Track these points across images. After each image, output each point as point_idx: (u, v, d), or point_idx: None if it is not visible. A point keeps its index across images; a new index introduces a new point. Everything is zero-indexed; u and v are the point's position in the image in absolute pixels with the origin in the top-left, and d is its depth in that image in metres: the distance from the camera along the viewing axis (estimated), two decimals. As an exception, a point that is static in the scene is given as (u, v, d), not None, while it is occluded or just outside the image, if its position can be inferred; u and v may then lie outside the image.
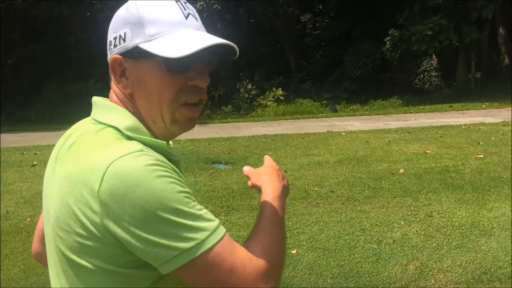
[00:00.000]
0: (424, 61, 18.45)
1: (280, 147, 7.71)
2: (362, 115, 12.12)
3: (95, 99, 0.92)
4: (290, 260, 3.70)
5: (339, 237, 4.05)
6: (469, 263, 3.49)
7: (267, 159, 1.11)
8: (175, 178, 0.77)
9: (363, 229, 4.21)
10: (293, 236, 4.12)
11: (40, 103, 15.63)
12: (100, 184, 0.74)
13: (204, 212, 0.79)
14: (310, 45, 21.03)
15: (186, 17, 0.87)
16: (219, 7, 17.11)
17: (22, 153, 7.78)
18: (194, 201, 0.78)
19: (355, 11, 19.39)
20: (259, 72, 19.18)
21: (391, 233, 4.09)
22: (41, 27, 16.66)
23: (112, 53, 0.87)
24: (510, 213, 4.39)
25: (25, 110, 15.29)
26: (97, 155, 0.78)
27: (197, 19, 0.89)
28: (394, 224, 4.30)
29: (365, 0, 18.73)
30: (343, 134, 8.71)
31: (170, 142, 1.05)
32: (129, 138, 0.83)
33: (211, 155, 7.28)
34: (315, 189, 5.38)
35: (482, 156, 6.43)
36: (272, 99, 17.41)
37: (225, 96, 17.88)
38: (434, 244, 3.82)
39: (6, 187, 5.84)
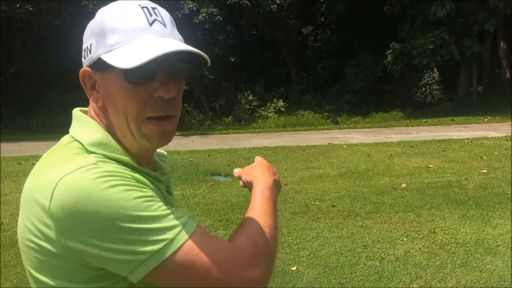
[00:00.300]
0: (426, 74, 18.44)
1: (281, 160, 7.63)
2: (363, 127, 12.05)
3: (74, 111, 0.90)
4: (290, 278, 3.60)
5: (340, 254, 3.95)
6: (474, 283, 3.39)
7: (258, 158, 1.09)
8: (132, 185, 0.74)
9: (365, 246, 4.11)
10: (293, 252, 4.02)
11: (40, 111, 15.60)
12: (50, 201, 0.72)
13: (171, 210, 0.76)
14: (312, 57, 21.06)
15: (151, 24, 0.81)
16: (221, 19, 17.17)
17: (20, 163, 7.70)
18: (158, 202, 0.75)
19: (356, 24, 19.46)
20: (260, 83, 19.18)
21: (394, 250, 3.99)
22: (43, 37, 16.69)
23: (84, 65, 0.85)
24: (515, 230, 4.29)
25: (25, 118, 15.25)
26: (50, 171, 0.76)
27: (165, 25, 0.83)
28: (397, 240, 4.20)
29: (366, 13, 18.80)
30: (344, 146, 8.63)
31: (163, 153, 1.03)
32: (91, 153, 0.80)
33: (210, 167, 7.20)
34: (316, 203, 5.28)
35: (485, 171, 6.34)
36: (273, 110, 17.39)
37: (226, 107, 17.86)
38: (438, 262, 3.72)
39: (2, 198, 5.75)
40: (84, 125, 0.86)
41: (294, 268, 3.71)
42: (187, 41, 0.85)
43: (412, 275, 3.54)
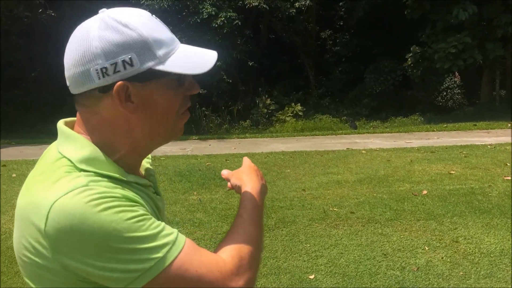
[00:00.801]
0: (447, 78, 18.13)
1: (299, 165, 7.56)
2: (382, 132, 11.88)
3: (59, 125, 0.91)
4: (308, 286, 3.53)
5: (360, 262, 3.86)
6: (500, 295, 3.27)
7: (246, 160, 1.12)
8: (123, 206, 0.78)
9: (385, 254, 4.01)
10: (311, 260, 3.95)
11: (62, 117, 15.78)
12: (46, 223, 0.75)
13: (161, 227, 0.80)
14: (330, 61, 20.91)
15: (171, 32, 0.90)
16: (239, 23, 17.17)
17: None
18: (149, 219, 0.79)
19: (376, 28, 19.27)
20: (278, 87, 19.12)
21: (415, 259, 3.89)
22: (65, 41, 16.96)
23: (113, 79, 0.83)
24: (542, 240, 4.14)
25: (48, 124, 15.48)
26: (43, 192, 0.79)
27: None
28: (418, 249, 4.09)
29: (386, 17, 18.61)
30: (363, 152, 8.51)
31: (148, 165, 1.03)
32: (81, 170, 0.82)
33: (228, 172, 7.16)
34: (334, 209, 5.20)
35: (509, 178, 6.16)
36: (291, 114, 17.30)
37: (243, 111, 17.84)
38: (461, 273, 3.60)
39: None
40: (71, 141, 0.87)
41: (312, 277, 3.64)
42: (206, 45, 0.92)
43: (434, 286, 3.44)
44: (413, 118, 16.13)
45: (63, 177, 0.80)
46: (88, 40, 0.83)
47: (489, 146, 8.45)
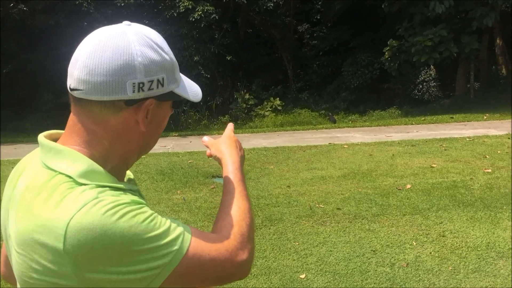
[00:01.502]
0: (423, 72, 18.37)
1: (282, 161, 7.52)
2: (362, 126, 11.94)
3: (42, 141, 0.90)
4: (299, 286, 3.50)
5: (349, 260, 3.85)
6: (489, 289, 3.30)
7: (228, 128, 1.16)
8: (135, 209, 0.80)
9: (374, 251, 4.01)
10: (300, 259, 3.92)
11: (36, 113, 15.38)
12: (64, 242, 0.75)
13: (170, 222, 0.84)
14: (308, 55, 20.93)
15: None
16: (217, 17, 17.00)
17: (13, 167, 7.54)
18: (157, 216, 0.82)
19: (354, 21, 19.35)
20: (257, 82, 19.05)
21: (404, 255, 3.90)
22: (38, 36, 16.46)
23: (146, 95, 0.87)
24: (526, 233, 4.21)
25: (21, 120, 15.04)
26: (51, 212, 0.78)
27: None
28: (406, 245, 4.11)
29: (363, 10, 18.70)
30: (345, 146, 8.53)
31: (130, 175, 1.05)
32: (82, 184, 0.82)
33: (210, 169, 7.08)
34: (321, 206, 5.19)
35: (490, 170, 6.27)
36: (270, 109, 17.26)
37: (222, 106, 17.72)
38: (450, 268, 3.63)
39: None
40: (63, 156, 0.86)
41: (303, 276, 3.61)
42: (184, 39, 1.00)
43: (425, 282, 3.45)
44: (391, 111, 16.30)
45: (68, 194, 0.80)
46: (131, 54, 0.84)
47: (467, 139, 8.59)
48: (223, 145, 1.11)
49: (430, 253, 3.93)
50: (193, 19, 16.55)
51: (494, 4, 13.59)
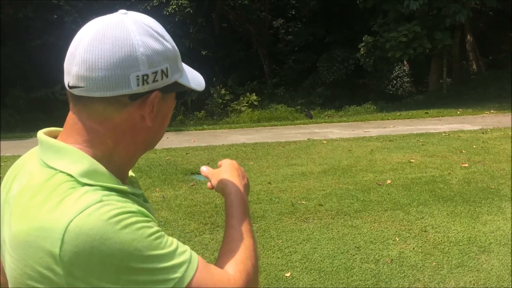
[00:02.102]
0: (396, 67, 18.63)
1: (261, 157, 7.46)
2: (340, 121, 12.01)
3: (41, 138, 0.83)
4: (285, 284, 3.44)
5: (334, 257, 3.82)
6: (473, 284, 3.33)
7: (226, 160, 1.08)
8: (141, 222, 0.74)
9: (357, 247, 4.00)
10: (285, 257, 3.87)
11: (5, 110, 14.88)
12: (61, 247, 0.69)
13: (176, 244, 0.77)
14: (284, 51, 20.94)
15: None
16: (191, 11, 16.80)
17: (-16, 164, 7.25)
18: (164, 235, 0.76)
19: (328, 17, 19.44)
20: (232, 77, 18.95)
21: (387, 251, 3.90)
22: (5, 30, 15.89)
23: (151, 88, 0.81)
24: (505, 227, 4.28)
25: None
26: (50, 214, 0.72)
27: None
28: (389, 240, 4.11)
29: (338, 6, 18.79)
30: (324, 142, 8.53)
31: (131, 173, 0.99)
32: (84, 185, 0.76)
33: (189, 166, 6.96)
34: (303, 202, 5.15)
35: (467, 165, 6.36)
36: (246, 104, 17.20)
37: (198, 102, 17.54)
38: (434, 263, 3.64)
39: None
40: (64, 154, 0.80)
41: (288, 274, 3.56)
42: None
43: (410, 278, 3.45)
44: (366, 107, 16.47)
45: (69, 195, 0.74)
46: (132, 45, 0.78)
47: (443, 134, 8.72)
48: (225, 174, 1.02)
49: (413, 248, 3.94)
50: (167, 13, 16.32)
51: (466, 1, 13.85)
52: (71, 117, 0.83)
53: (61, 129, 0.87)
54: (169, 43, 0.84)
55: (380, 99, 17.37)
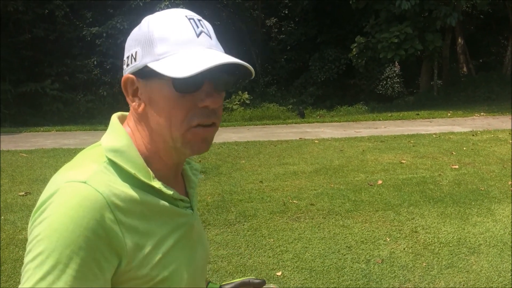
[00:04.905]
0: (387, 68, 18.72)
1: (253, 155, 7.45)
2: (331, 121, 12.05)
3: (112, 117, 0.90)
4: (276, 284, 3.44)
5: (325, 256, 3.83)
6: (463, 285, 3.35)
7: None
8: (59, 231, 0.72)
9: (348, 247, 4.01)
10: (276, 255, 3.87)
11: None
12: (44, 201, 0.75)
13: (69, 282, 0.71)
14: (276, 49, 20.95)
15: (198, 35, 0.82)
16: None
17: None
18: (58, 265, 0.71)
19: (321, 17, 19.47)
20: (224, 75, 18.90)
21: (378, 251, 3.91)
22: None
23: (125, 72, 0.85)
24: (494, 228, 4.32)
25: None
26: (59, 175, 0.80)
27: (210, 37, 0.85)
28: (380, 240, 4.13)
29: (330, 6, 18.83)
30: (316, 141, 8.55)
31: (196, 166, 1.01)
32: (109, 159, 0.81)
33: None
34: (294, 201, 5.15)
35: (457, 167, 6.41)
36: (238, 103, 17.18)
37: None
38: (424, 264, 3.67)
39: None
40: (110, 131, 0.87)
41: (279, 273, 3.56)
42: None
43: (401, 278, 3.47)
44: (358, 107, 16.54)
45: (81, 164, 0.81)
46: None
47: (434, 135, 8.77)
48: None
49: (404, 249, 3.96)
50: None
51: (457, 4, 13.96)
52: None
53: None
54: (149, 26, 0.82)
55: (371, 100, 17.45)
